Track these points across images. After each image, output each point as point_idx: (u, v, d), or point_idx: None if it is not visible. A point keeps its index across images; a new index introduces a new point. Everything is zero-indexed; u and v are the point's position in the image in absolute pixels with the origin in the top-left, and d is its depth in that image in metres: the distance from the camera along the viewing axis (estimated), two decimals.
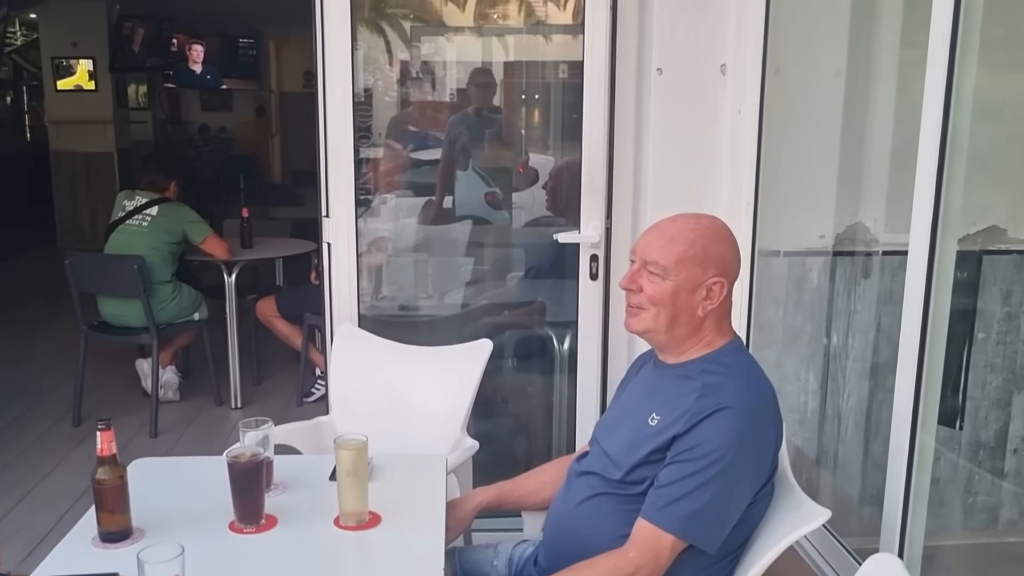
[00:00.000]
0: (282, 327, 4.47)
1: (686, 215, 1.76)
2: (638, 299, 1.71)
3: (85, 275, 4.16)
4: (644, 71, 2.68)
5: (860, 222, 2.72)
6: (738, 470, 1.59)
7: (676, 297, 1.68)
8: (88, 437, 4.10)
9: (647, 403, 1.74)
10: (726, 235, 1.74)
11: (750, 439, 1.61)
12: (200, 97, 11.03)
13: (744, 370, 1.70)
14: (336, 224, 2.72)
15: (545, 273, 3.31)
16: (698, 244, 1.69)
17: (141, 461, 2.04)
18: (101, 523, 1.68)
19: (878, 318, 2.65)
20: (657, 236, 1.72)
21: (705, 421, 1.60)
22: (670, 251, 1.68)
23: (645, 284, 1.70)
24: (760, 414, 1.65)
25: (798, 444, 2.80)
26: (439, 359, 2.61)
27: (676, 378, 1.72)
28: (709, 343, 1.72)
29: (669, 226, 1.73)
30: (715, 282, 1.69)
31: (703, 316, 1.70)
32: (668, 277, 1.67)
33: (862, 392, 2.70)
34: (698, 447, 1.59)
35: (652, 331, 1.72)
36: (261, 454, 1.73)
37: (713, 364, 1.69)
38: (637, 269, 1.72)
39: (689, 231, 1.70)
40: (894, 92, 2.59)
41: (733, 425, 1.59)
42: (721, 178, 2.67)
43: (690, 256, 1.68)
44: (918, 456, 1.90)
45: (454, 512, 1.95)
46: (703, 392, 1.63)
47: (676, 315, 1.69)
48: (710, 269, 1.68)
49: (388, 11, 3.70)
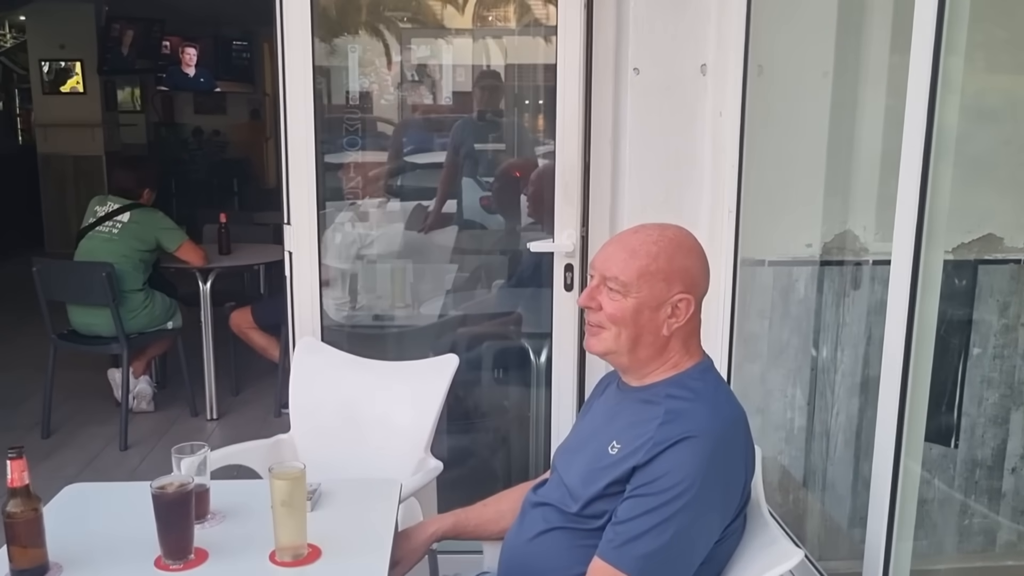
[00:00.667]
0: (257, 339, 4.34)
1: (649, 226, 1.63)
2: (598, 317, 1.59)
3: (53, 283, 4.04)
4: (621, 71, 2.55)
5: (849, 230, 2.59)
6: (704, 505, 1.46)
7: (638, 315, 1.55)
8: (56, 450, 3.99)
9: (608, 429, 1.61)
10: (693, 247, 1.61)
11: (717, 471, 1.48)
12: (193, 100, 10.93)
13: (712, 395, 1.57)
14: (298, 232, 2.60)
15: (525, 282, 3.19)
16: (661, 257, 1.56)
17: (74, 487, 1.92)
18: (13, 559, 1.56)
19: (868, 331, 2.52)
20: (617, 249, 1.60)
21: (668, 451, 1.47)
22: (631, 265, 1.55)
23: (605, 301, 1.57)
24: (729, 443, 1.51)
25: (784, 463, 2.67)
26: (403, 374, 2.49)
27: (638, 402, 1.59)
28: (675, 364, 1.59)
29: (630, 238, 1.61)
30: (681, 299, 1.56)
31: (668, 335, 1.57)
32: (629, 294, 1.55)
33: (851, 409, 2.57)
34: (659, 480, 1.46)
35: (614, 352, 1.59)
36: (190, 484, 1.60)
37: (678, 388, 1.56)
38: (596, 285, 1.59)
39: (651, 243, 1.57)
40: (885, 93, 2.46)
41: (698, 456, 1.46)
42: (702, 183, 2.54)
43: (653, 271, 1.55)
44: (903, 477, 1.78)
45: (407, 543, 1.82)
46: (666, 419, 1.50)
47: (639, 335, 1.56)
48: (675, 285, 1.56)
49: (386, 14, 3.61)
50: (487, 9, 3.67)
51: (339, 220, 3.37)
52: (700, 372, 1.60)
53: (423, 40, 3.74)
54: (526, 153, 3.49)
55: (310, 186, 2.57)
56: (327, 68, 3.31)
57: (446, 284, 3.52)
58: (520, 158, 3.53)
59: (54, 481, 1.64)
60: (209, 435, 4.17)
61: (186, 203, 9.33)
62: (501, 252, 3.53)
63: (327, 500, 1.83)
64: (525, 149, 3.53)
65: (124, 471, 3.78)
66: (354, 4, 3.44)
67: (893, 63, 2.41)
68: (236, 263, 4.69)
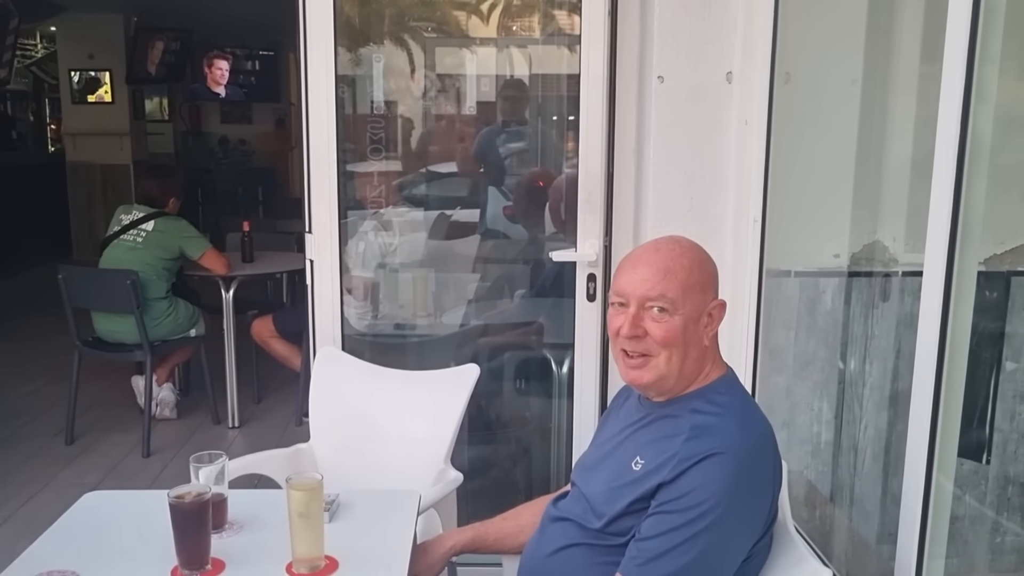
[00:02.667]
0: (279, 348, 4.34)
1: (660, 242, 1.60)
2: (644, 346, 1.52)
3: (78, 290, 4.07)
4: (645, 79, 2.52)
5: (878, 240, 2.54)
6: (730, 523, 1.42)
7: (686, 332, 1.51)
8: (79, 456, 4.00)
9: (630, 444, 1.57)
10: (707, 253, 1.60)
11: (745, 488, 1.44)
12: (220, 109, 11.03)
13: (739, 410, 1.53)
14: (319, 240, 2.59)
15: (547, 292, 3.17)
16: (695, 268, 1.54)
17: (93, 495, 1.92)
18: None
19: (898, 343, 2.47)
20: (650, 270, 1.53)
21: (694, 468, 1.43)
22: (673, 282, 1.51)
23: (651, 326, 1.51)
24: (756, 459, 1.47)
25: (810, 478, 2.62)
26: (424, 384, 2.47)
27: (662, 417, 1.56)
28: (706, 376, 1.56)
29: (656, 257, 1.55)
30: (715, 305, 1.55)
31: (708, 345, 1.55)
32: (676, 312, 1.50)
33: (880, 423, 2.51)
34: (685, 497, 1.42)
35: (664, 378, 1.53)
36: (207, 493, 1.58)
37: (703, 402, 1.52)
38: (637, 312, 1.52)
39: (680, 256, 1.54)
40: (915, 101, 2.41)
41: (726, 473, 1.42)
42: (727, 193, 2.50)
43: (692, 283, 1.52)
44: (934, 493, 1.73)
45: (425, 557, 1.80)
46: (692, 434, 1.47)
47: (686, 352, 1.52)
48: (709, 293, 1.56)
49: (411, 23, 3.61)
50: (511, 19, 3.66)
51: (362, 229, 3.36)
52: (725, 386, 1.57)
53: (447, 49, 3.73)
54: (550, 163, 3.47)
55: (331, 194, 2.56)
56: (352, 77, 3.31)
57: (468, 293, 3.50)
58: (543, 168, 3.51)
59: (77, 488, 1.63)
60: (230, 443, 4.17)
61: (212, 211, 9.42)
62: (523, 261, 3.51)
63: (345, 511, 1.81)
64: (549, 159, 3.51)
65: (146, 478, 3.78)
66: (379, 14, 3.44)
67: (924, 71, 2.37)
68: (259, 271, 4.70)
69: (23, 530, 3.23)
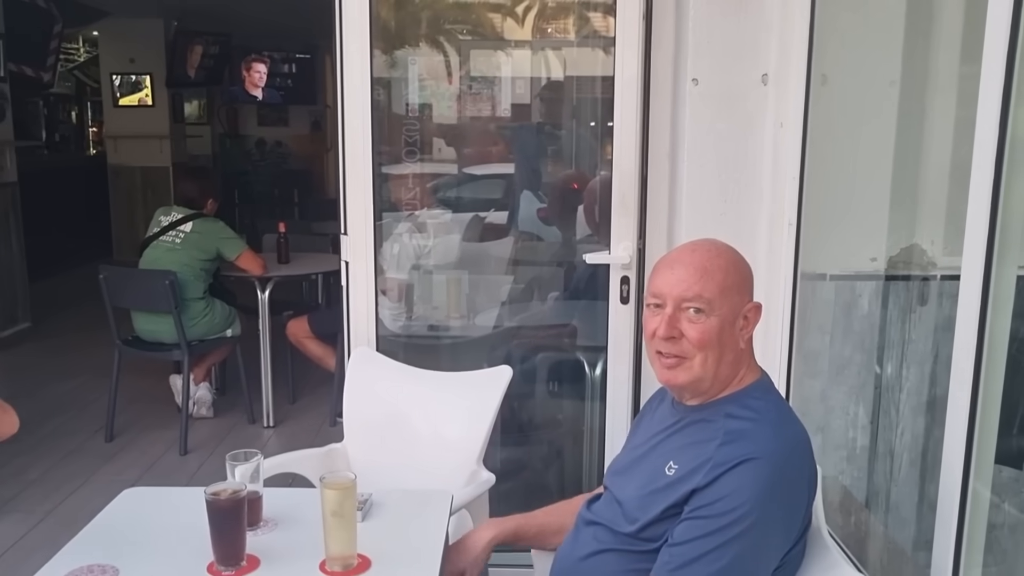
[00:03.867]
0: (314, 348, 4.38)
1: (696, 243, 1.60)
2: (679, 347, 1.51)
3: (118, 290, 4.14)
4: (679, 81, 2.51)
5: (916, 244, 2.51)
6: (764, 530, 1.41)
7: (722, 334, 1.50)
8: (118, 453, 4.07)
9: (663, 449, 1.57)
10: (741, 255, 1.60)
11: (779, 495, 1.42)
12: (257, 112, 11.16)
13: (774, 415, 1.52)
14: (354, 242, 2.62)
15: (580, 294, 3.16)
16: (731, 270, 1.53)
17: (132, 491, 1.95)
18: None
19: (935, 348, 2.44)
20: (687, 271, 1.52)
21: (728, 473, 1.42)
22: (710, 283, 1.50)
23: (687, 327, 1.50)
24: (791, 465, 1.46)
25: (845, 483, 2.59)
26: (457, 385, 2.48)
27: (696, 422, 1.55)
28: (741, 379, 1.55)
29: (692, 258, 1.55)
30: (751, 308, 1.54)
31: (744, 348, 1.54)
32: (713, 313, 1.49)
33: (917, 428, 2.48)
34: (719, 502, 1.41)
35: (700, 379, 1.53)
36: (243, 491, 1.60)
37: (738, 407, 1.51)
38: (673, 313, 1.51)
39: (716, 257, 1.54)
40: (955, 103, 2.38)
41: (759, 479, 1.40)
42: (761, 195, 2.48)
43: (729, 284, 1.52)
44: (971, 500, 1.70)
45: (466, 553, 1.78)
46: (726, 439, 1.46)
47: (722, 354, 1.51)
48: (745, 295, 1.55)
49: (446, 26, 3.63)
50: (546, 21, 3.66)
51: (396, 231, 3.38)
52: (761, 390, 1.55)
53: (482, 52, 3.74)
54: (584, 165, 3.47)
55: (367, 196, 2.59)
56: (387, 80, 3.34)
57: (501, 295, 3.51)
58: (577, 170, 3.51)
59: (116, 484, 1.67)
60: (265, 442, 4.22)
61: (248, 213, 9.53)
62: (557, 264, 3.52)
63: (378, 511, 1.83)
64: (584, 161, 3.51)
65: (183, 476, 3.84)
66: (414, 17, 3.46)
67: (963, 72, 2.34)
68: (294, 272, 4.75)
69: (63, 524, 3.29)
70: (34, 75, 7.10)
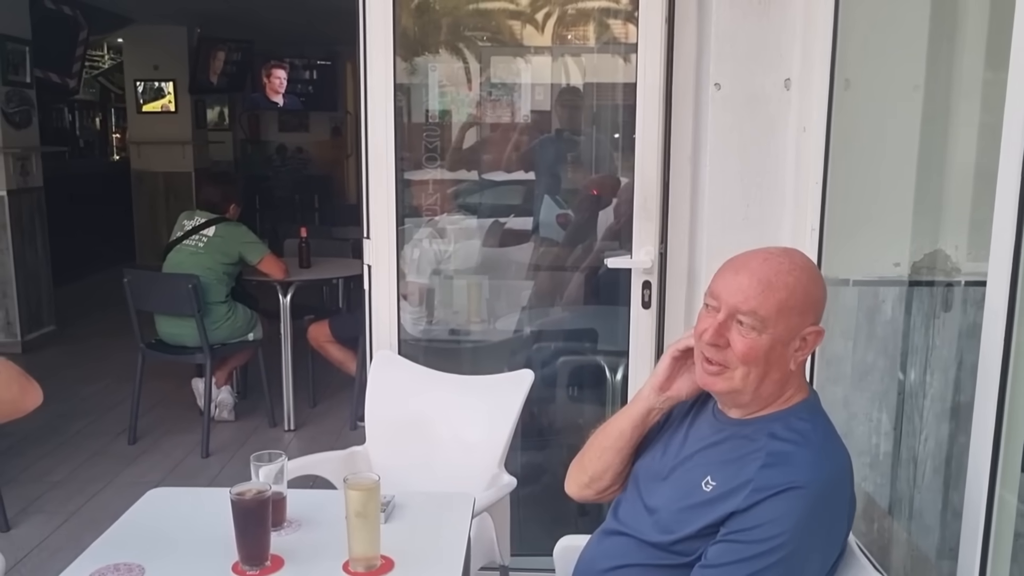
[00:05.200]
0: (335, 352, 4.40)
1: (772, 251, 1.50)
2: (723, 356, 1.45)
3: (142, 293, 4.18)
4: (702, 86, 2.51)
5: (940, 249, 2.49)
6: (800, 560, 1.37)
7: (771, 353, 1.43)
8: (141, 456, 4.10)
9: (701, 461, 1.52)
10: (819, 274, 1.51)
11: (818, 525, 1.39)
12: (278, 118, 11.24)
13: (819, 440, 1.46)
14: (377, 246, 2.63)
15: (601, 298, 3.17)
16: (799, 290, 1.44)
17: (157, 491, 1.97)
18: None
19: (959, 354, 2.42)
20: (750, 280, 1.44)
21: (769, 500, 1.37)
22: (769, 299, 1.42)
23: (735, 339, 1.44)
24: (833, 496, 1.41)
25: (868, 490, 2.57)
26: (478, 389, 2.49)
27: (738, 437, 1.49)
28: (788, 399, 1.50)
29: (761, 268, 1.45)
30: (811, 332, 1.46)
31: (794, 370, 1.48)
32: (765, 331, 1.42)
33: (941, 435, 2.46)
34: (757, 529, 1.37)
35: (738, 391, 1.47)
36: (267, 491, 1.62)
37: (783, 427, 1.46)
38: (724, 321, 1.45)
39: (786, 273, 1.44)
40: (980, 107, 2.37)
41: (801, 508, 1.36)
42: (784, 200, 2.48)
43: (791, 305, 1.43)
44: (997, 508, 1.69)
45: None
46: (768, 462, 1.41)
47: (767, 372, 1.44)
48: (808, 317, 1.46)
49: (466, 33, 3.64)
50: (566, 27, 3.67)
51: (418, 236, 3.40)
52: (808, 411, 1.50)
53: (502, 58, 3.76)
54: (604, 171, 3.47)
55: (389, 201, 2.60)
56: (407, 86, 3.35)
57: (522, 300, 3.52)
58: (597, 176, 3.52)
59: (139, 486, 1.69)
60: (286, 446, 4.24)
61: (269, 218, 9.59)
62: (578, 268, 3.52)
63: (401, 512, 1.84)
64: (603, 166, 3.51)
65: (205, 478, 3.87)
66: (435, 24, 3.48)
67: (988, 76, 2.32)
68: (315, 277, 4.78)
69: (87, 525, 3.33)
70: (60, 81, 7.19)
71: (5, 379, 1.51)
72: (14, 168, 5.83)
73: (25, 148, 5.95)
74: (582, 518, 2.98)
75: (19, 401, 1.54)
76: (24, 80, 5.96)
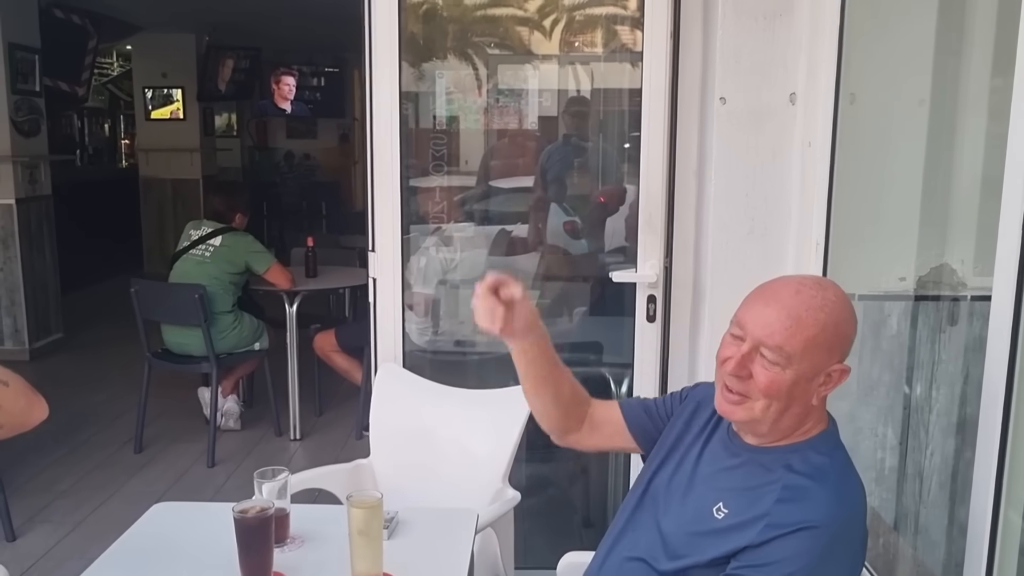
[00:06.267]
0: (341, 362, 4.40)
1: (806, 283, 1.45)
2: (745, 387, 1.42)
3: (149, 303, 4.19)
4: (707, 99, 2.51)
5: (946, 263, 2.48)
6: None
7: (794, 388, 1.39)
8: (147, 465, 4.11)
9: (715, 485, 1.50)
10: (853, 310, 1.46)
11: (833, 565, 1.37)
12: (286, 125, 11.28)
13: (837, 478, 1.43)
14: (382, 259, 2.63)
15: (607, 310, 3.16)
16: (830, 327, 1.39)
17: (161, 506, 1.97)
18: None
19: (966, 369, 2.41)
20: (779, 314, 1.39)
21: (783, 538, 1.35)
22: (797, 336, 1.37)
23: (757, 371, 1.40)
24: (849, 535, 1.39)
25: (873, 505, 2.56)
26: (483, 403, 2.49)
27: (754, 465, 1.47)
28: (807, 431, 1.47)
29: (792, 301, 1.40)
30: (838, 369, 1.42)
31: (816, 404, 1.45)
32: (790, 366, 1.38)
33: (947, 450, 2.45)
34: (769, 567, 1.35)
35: (757, 422, 1.44)
36: (270, 509, 1.62)
37: (799, 460, 1.43)
38: (748, 352, 1.41)
39: (818, 309, 1.39)
40: (985, 121, 2.36)
41: (814, 549, 1.34)
42: (789, 215, 2.47)
43: (820, 342, 1.38)
44: (1002, 525, 1.68)
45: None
46: (783, 496, 1.39)
47: (788, 407, 1.41)
48: (836, 354, 1.41)
49: (473, 40, 3.65)
50: (574, 35, 3.67)
51: (423, 245, 3.40)
52: (827, 445, 1.47)
53: (510, 65, 3.76)
54: (611, 179, 3.47)
55: (395, 212, 2.60)
56: (415, 93, 3.36)
57: None
58: (604, 183, 3.52)
59: (145, 496, 1.70)
60: (292, 455, 4.25)
61: (276, 225, 9.62)
62: (584, 279, 3.51)
63: (404, 529, 1.84)
64: (611, 174, 3.51)
65: (211, 488, 3.87)
66: (442, 31, 3.49)
67: (994, 89, 2.32)
68: (322, 286, 4.79)
69: (94, 535, 3.35)
70: (69, 90, 7.23)
71: (13, 392, 1.52)
72: (23, 177, 5.86)
73: (34, 157, 5.97)
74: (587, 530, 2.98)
75: (25, 415, 1.55)
76: (33, 89, 5.99)
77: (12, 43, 5.74)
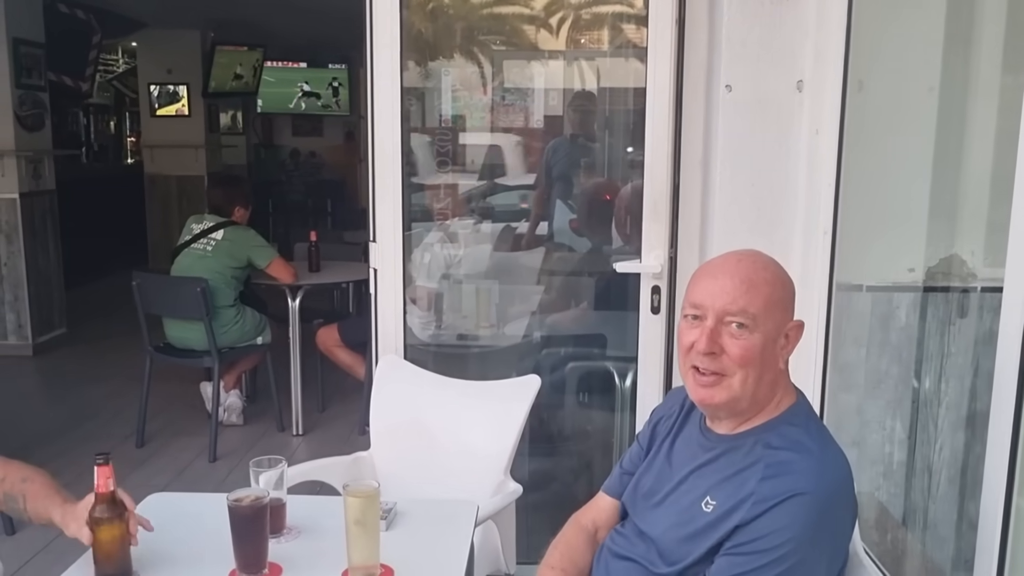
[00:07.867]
0: (343, 357, 4.37)
1: (741, 253, 1.51)
2: (719, 364, 1.42)
3: (151, 297, 4.17)
4: (712, 88, 2.48)
5: (955, 254, 2.44)
6: (808, 567, 1.34)
7: (764, 351, 1.41)
8: (149, 459, 4.09)
9: (698, 483, 1.48)
10: (785, 271, 1.51)
11: (825, 531, 1.36)
12: (291, 122, 11.26)
13: (816, 444, 1.43)
14: (383, 250, 2.60)
15: (611, 304, 3.13)
16: (777, 284, 1.45)
17: (158, 495, 1.95)
18: (98, 564, 1.58)
19: (976, 361, 2.37)
20: (732, 281, 1.43)
21: (774, 509, 1.34)
22: (756, 297, 1.41)
23: (728, 343, 1.41)
24: (838, 500, 1.39)
25: (882, 500, 2.53)
26: (485, 395, 2.46)
27: (731, 452, 1.47)
28: (778, 404, 1.47)
29: (739, 268, 1.45)
30: (793, 326, 1.46)
31: (783, 368, 1.46)
32: (757, 329, 1.41)
33: (956, 443, 2.41)
34: (763, 539, 1.34)
35: (738, 399, 1.44)
36: (265, 497, 1.59)
37: (775, 436, 1.43)
38: (714, 326, 1.42)
39: (762, 270, 1.45)
40: (996, 109, 2.32)
41: (807, 515, 1.33)
42: (796, 204, 2.43)
43: (776, 299, 1.43)
44: (1015, 518, 1.64)
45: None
46: (767, 473, 1.38)
47: (762, 374, 1.43)
48: (789, 311, 1.47)
49: (480, 37, 3.63)
50: (580, 32, 3.64)
51: (427, 240, 3.38)
52: (800, 416, 1.47)
53: (516, 63, 3.74)
54: (617, 176, 3.44)
55: (396, 204, 2.58)
56: (420, 90, 3.34)
57: (531, 305, 3.49)
58: (610, 180, 3.49)
59: (146, 489, 1.70)
60: (294, 450, 4.22)
61: (282, 222, 9.61)
62: (588, 274, 3.49)
63: (402, 520, 1.81)
64: (616, 171, 3.48)
65: (212, 482, 3.84)
66: (448, 28, 3.46)
67: (1005, 77, 2.28)
68: (325, 281, 4.76)
69: None
70: (73, 85, 7.23)
71: None
72: (26, 171, 5.85)
73: (37, 151, 5.96)
74: None
75: None
76: (38, 83, 5.98)
77: (17, 38, 5.73)
